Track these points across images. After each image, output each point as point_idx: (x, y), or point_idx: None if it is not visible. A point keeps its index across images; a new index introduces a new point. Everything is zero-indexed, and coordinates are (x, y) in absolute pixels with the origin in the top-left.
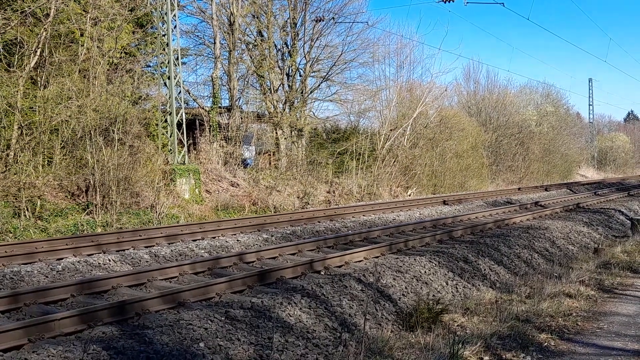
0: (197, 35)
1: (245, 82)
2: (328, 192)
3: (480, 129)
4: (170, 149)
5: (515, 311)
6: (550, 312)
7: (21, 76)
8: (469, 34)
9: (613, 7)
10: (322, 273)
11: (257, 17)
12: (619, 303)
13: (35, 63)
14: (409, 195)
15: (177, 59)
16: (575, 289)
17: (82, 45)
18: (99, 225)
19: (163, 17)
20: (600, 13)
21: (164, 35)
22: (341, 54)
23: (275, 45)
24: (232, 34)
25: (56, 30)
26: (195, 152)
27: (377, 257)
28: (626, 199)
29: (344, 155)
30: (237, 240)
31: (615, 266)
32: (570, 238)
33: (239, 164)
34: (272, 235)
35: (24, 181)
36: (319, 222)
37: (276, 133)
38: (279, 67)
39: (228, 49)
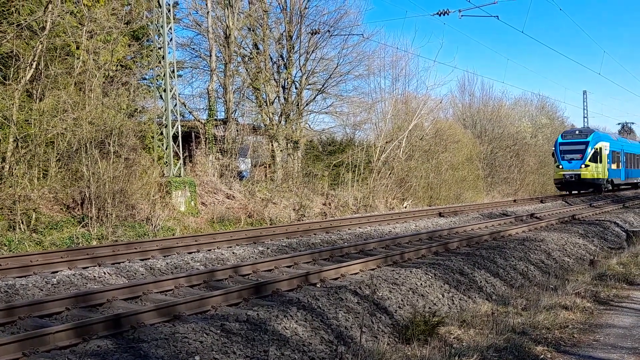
0: (193, 48)
1: (241, 95)
2: (324, 204)
3: (476, 141)
4: (166, 162)
5: (512, 323)
6: (547, 324)
7: (17, 89)
8: (464, 47)
9: (607, 20)
10: (318, 285)
11: (253, 30)
12: (615, 315)
13: (31, 76)
14: (405, 207)
15: (173, 71)
16: (571, 300)
17: (78, 58)
18: (95, 238)
19: (159, 30)
20: (594, 26)
21: (159, 48)
22: (337, 67)
23: (271, 57)
24: (228, 47)
25: (52, 43)
26: (191, 165)
27: (373, 269)
28: (621, 210)
29: (340, 167)
30: (233, 253)
31: (611, 278)
32: (566, 250)
33: (234, 176)
34: (267, 248)
35: (19, 194)
36: (314, 234)
37: (272, 145)
38: (274, 79)
39: (224, 62)
